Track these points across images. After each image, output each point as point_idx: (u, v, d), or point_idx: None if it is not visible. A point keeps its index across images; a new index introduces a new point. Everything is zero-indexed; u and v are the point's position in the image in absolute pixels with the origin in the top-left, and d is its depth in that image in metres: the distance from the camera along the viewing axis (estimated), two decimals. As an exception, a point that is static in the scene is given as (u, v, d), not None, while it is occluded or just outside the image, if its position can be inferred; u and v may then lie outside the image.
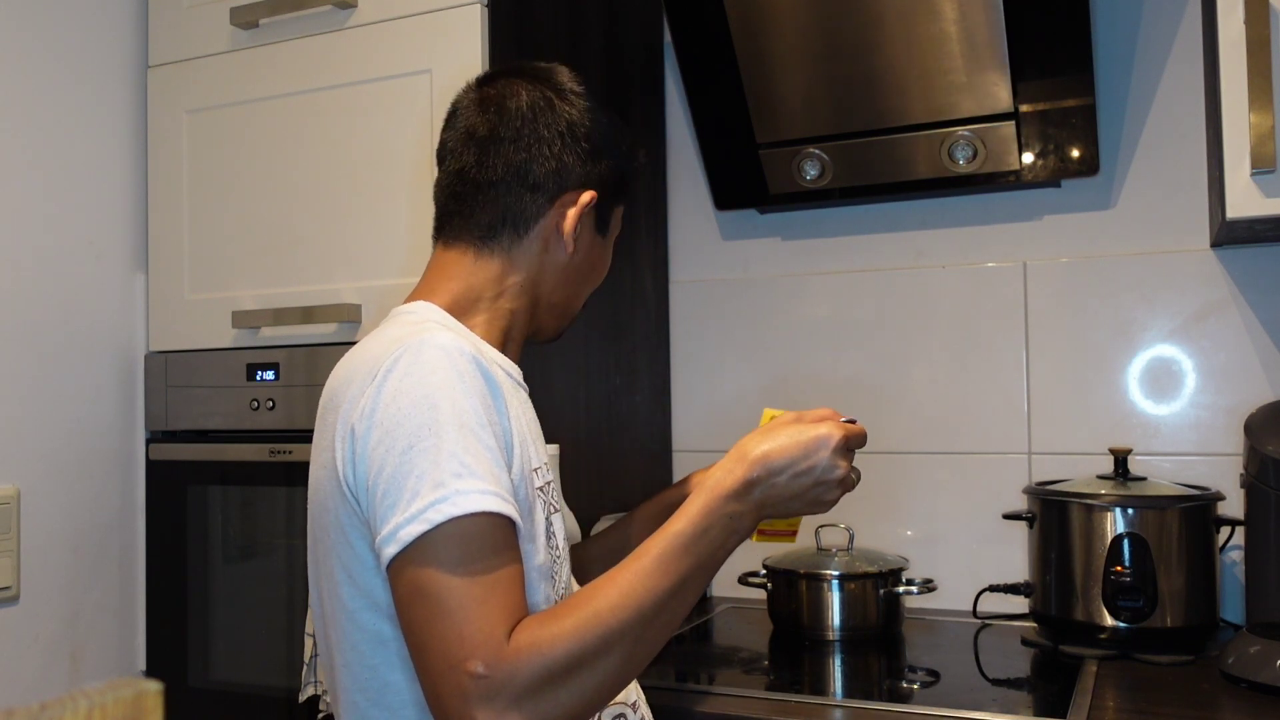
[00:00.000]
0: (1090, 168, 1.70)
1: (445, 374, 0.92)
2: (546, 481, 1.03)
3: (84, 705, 0.40)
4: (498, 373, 0.99)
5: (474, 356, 0.94)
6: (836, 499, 0.98)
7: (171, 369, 1.73)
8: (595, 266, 1.14)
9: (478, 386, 0.93)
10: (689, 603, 0.93)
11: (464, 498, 0.86)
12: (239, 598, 1.68)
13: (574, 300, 1.14)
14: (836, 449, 0.96)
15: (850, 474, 0.98)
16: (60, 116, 1.68)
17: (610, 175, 1.11)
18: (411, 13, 1.56)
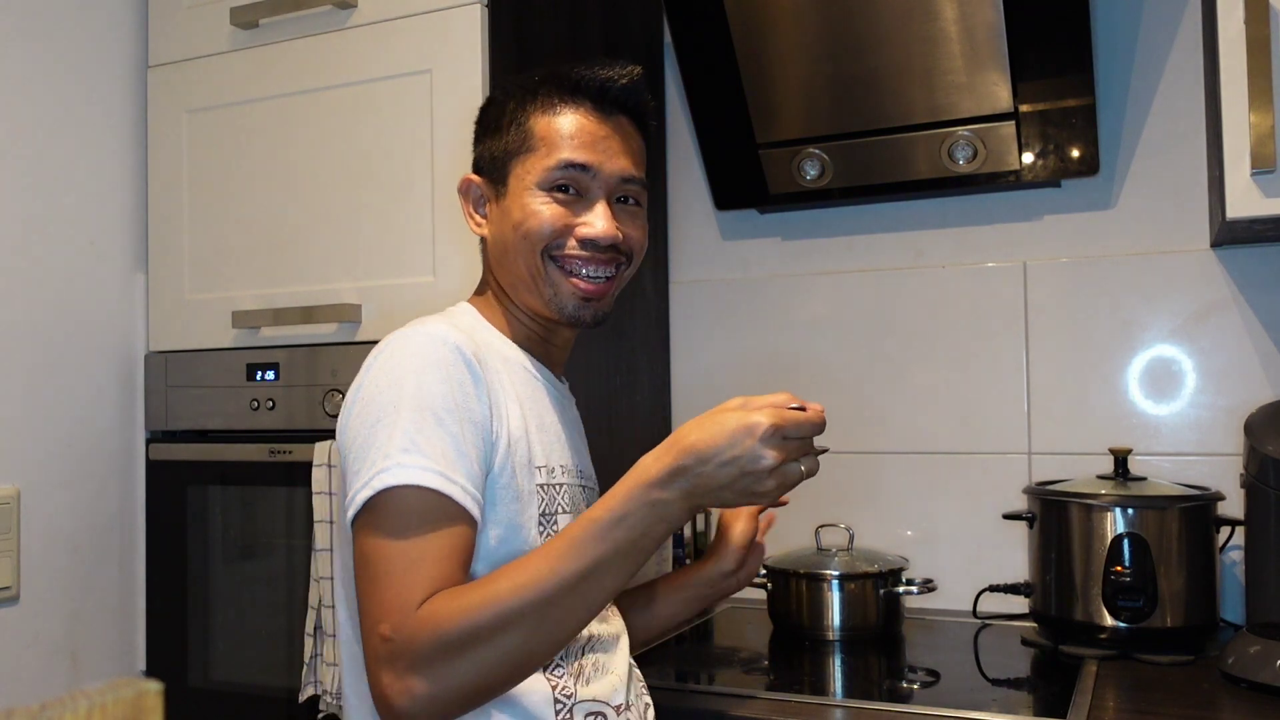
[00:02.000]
0: (1090, 168, 1.70)
1: (420, 359, 0.98)
2: (562, 482, 1.06)
3: (84, 705, 0.40)
4: (495, 362, 1.04)
5: (457, 346, 0.99)
6: (771, 490, 0.90)
7: (171, 369, 1.73)
8: (515, 225, 1.09)
9: (453, 373, 0.98)
10: (606, 588, 0.91)
11: (404, 470, 0.92)
12: (239, 598, 1.68)
13: (519, 265, 1.09)
14: (764, 437, 0.88)
15: (787, 463, 0.90)
16: (60, 116, 1.68)
17: (490, 143, 1.13)
18: (411, 13, 1.56)
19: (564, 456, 1.09)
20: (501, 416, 1.01)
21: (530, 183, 1.08)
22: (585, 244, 1.07)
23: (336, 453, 1.52)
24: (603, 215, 1.08)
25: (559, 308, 1.09)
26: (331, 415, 1.59)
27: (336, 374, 1.59)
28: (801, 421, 0.91)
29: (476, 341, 1.04)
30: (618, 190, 1.10)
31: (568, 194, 1.08)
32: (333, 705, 1.52)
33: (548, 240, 1.07)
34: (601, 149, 1.08)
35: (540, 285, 1.09)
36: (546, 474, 1.05)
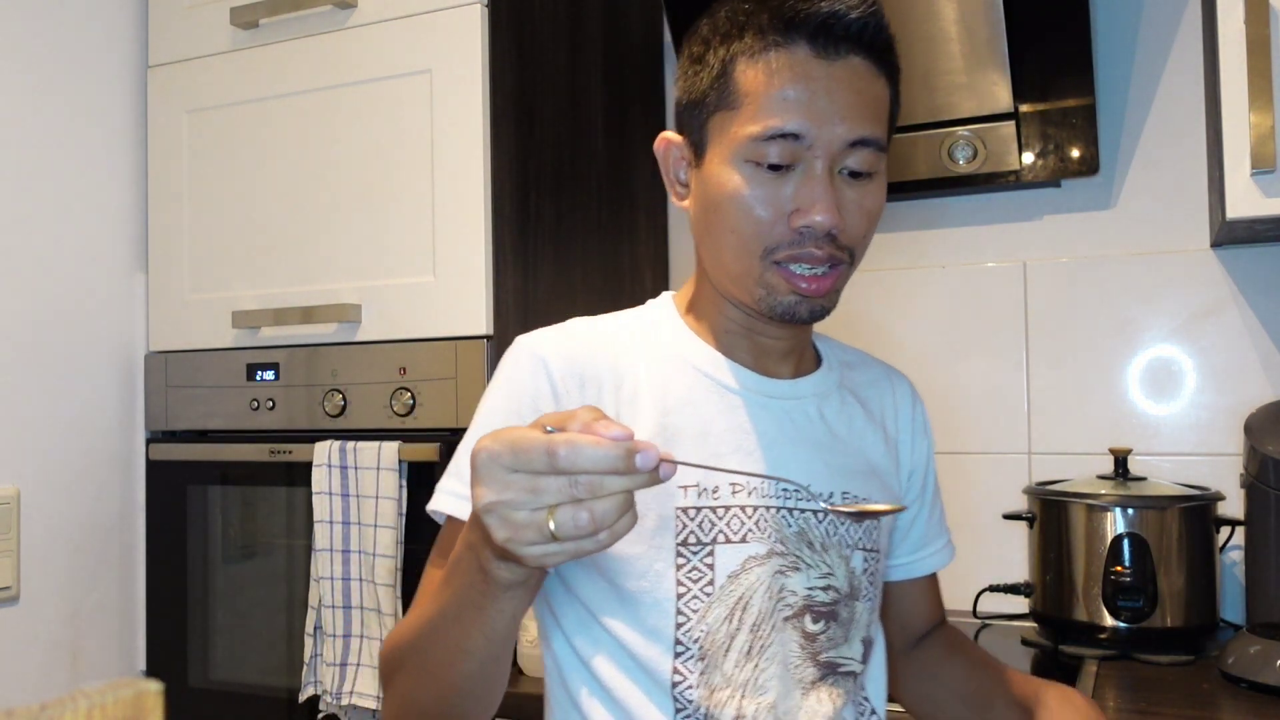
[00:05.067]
0: (1090, 168, 1.70)
1: (500, 373, 0.93)
2: (729, 505, 0.88)
3: (84, 705, 0.40)
4: (633, 367, 0.92)
5: (540, 357, 0.91)
6: (506, 542, 0.63)
7: (171, 369, 1.73)
8: (716, 208, 0.89)
9: (522, 388, 0.90)
10: (454, 641, 0.78)
11: (438, 496, 0.90)
12: (239, 598, 1.68)
13: (724, 256, 0.90)
14: (480, 471, 0.63)
15: (508, 506, 0.62)
16: (60, 116, 1.68)
17: (688, 87, 0.93)
18: (411, 13, 1.56)
19: (748, 471, 0.90)
20: None
21: (730, 152, 0.88)
22: (801, 231, 0.87)
23: (336, 453, 1.53)
24: (820, 195, 0.86)
25: (769, 306, 0.90)
26: (331, 415, 1.59)
27: (336, 374, 1.59)
28: (525, 447, 0.61)
29: (594, 346, 0.93)
30: (842, 158, 0.87)
31: (777, 169, 0.87)
32: (332, 705, 1.52)
33: (765, 241, 0.88)
34: (820, 107, 0.85)
35: (750, 285, 0.90)
36: (697, 495, 0.88)
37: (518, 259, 1.57)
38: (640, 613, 0.87)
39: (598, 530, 0.61)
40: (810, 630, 0.91)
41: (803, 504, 0.92)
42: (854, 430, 1.00)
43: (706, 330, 0.97)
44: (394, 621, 1.48)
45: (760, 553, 0.89)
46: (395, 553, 1.48)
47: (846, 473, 0.96)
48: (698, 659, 0.87)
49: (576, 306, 1.73)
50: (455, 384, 1.51)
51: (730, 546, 0.88)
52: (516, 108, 1.59)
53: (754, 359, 0.97)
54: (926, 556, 1.12)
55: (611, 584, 0.88)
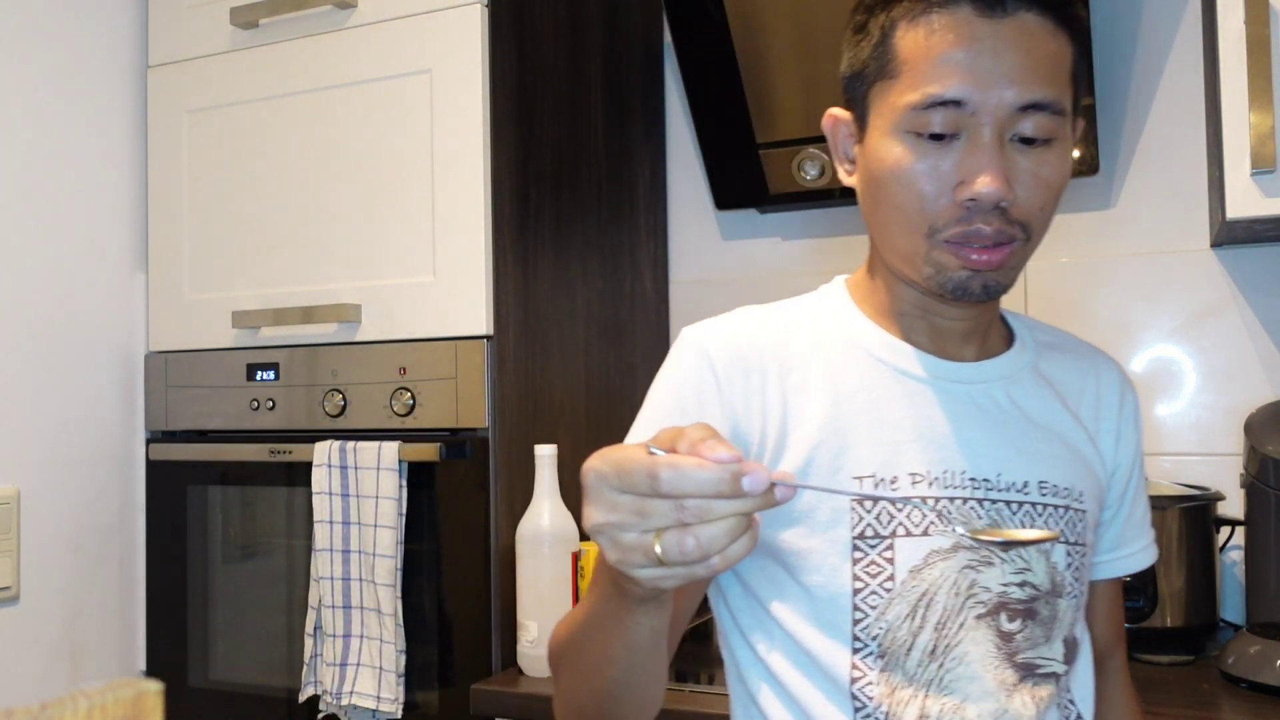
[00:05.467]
0: (1090, 168, 1.70)
1: (665, 368, 0.92)
2: (909, 496, 0.85)
3: (84, 705, 0.40)
4: (805, 355, 0.88)
5: (704, 349, 0.88)
6: (619, 563, 0.62)
7: (171, 369, 1.73)
8: (877, 184, 0.85)
9: (684, 382, 0.89)
10: (606, 653, 0.76)
11: None
12: (239, 598, 1.68)
13: (891, 233, 0.86)
14: (589, 491, 0.63)
15: (617, 529, 0.61)
16: (61, 116, 1.68)
17: (851, 58, 0.88)
18: (411, 13, 1.56)
19: (925, 462, 0.85)
20: (777, 423, 0.86)
21: (891, 123, 0.83)
22: (968, 205, 0.81)
23: (336, 453, 1.53)
24: (986, 164, 0.79)
25: (940, 285, 0.84)
26: (331, 415, 1.59)
27: (336, 374, 1.59)
28: (629, 469, 0.59)
29: (759, 335, 0.90)
30: (1013, 124, 0.80)
31: (940, 139, 0.81)
32: (332, 705, 1.52)
33: (930, 219, 0.82)
34: (985, 70, 0.79)
35: (919, 264, 0.85)
36: (874, 485, 0.84)
37: (518, 259, 1.57)
38: (816, 608, 0.84)
39: (705, 556, 0.58)
40: (1006, 629, 0.85)
41: (994, 495, 0.86)
42: (1051, 415, 0.92)
43: (880, 313, 0.92)
44: (393, 621, 1.48)
45: (945, 546, 0.84)
46: (395, 553, 1.48)
47: (1044, 460, 0.89)
48: (877, 656, 0.83)
49: (576, 306, 1.73)
50: (455, 384, 1.51)
51: (911, 540, 0.83)
52: (516, 108, 1.59)
53: (933, 341, 0.91)
54: (1123, 557, 1.01)
55: (787, 580, 0.86)
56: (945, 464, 0.86)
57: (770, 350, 0.89)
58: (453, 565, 1.51)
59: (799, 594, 0.85)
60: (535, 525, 1.46)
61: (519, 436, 1.55)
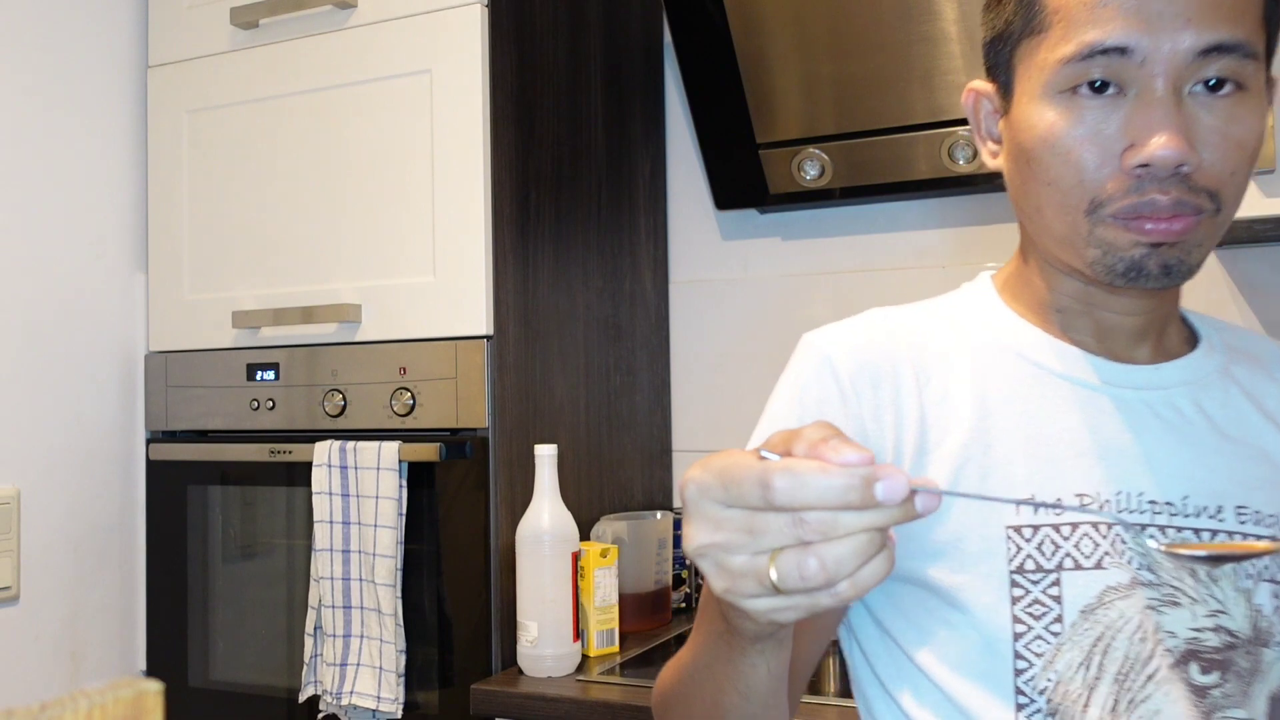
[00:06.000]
0: (1090, 168, 1.70)
1: (785, 375, 0.83)
2: (1076, 522, 0.72)
3: (84, 705, 0.40)
4: (946, 360, 0.78)
5: (825, 356, 0.79)
6: (722, 591, 0.52)
7: (171, 369, 1.74)
8: (1026, 158, 0.73)
9: (805, 393, 0.79)
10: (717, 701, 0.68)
11: None
12: (239, 598, 1.68)
13: (1046, 216, 0.73)
14: (690, 506, 0.52)
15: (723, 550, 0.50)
16: (61, 116, 1.68)
17: (992, 19, 0.77)
18: (411, 13, 1.56)
19: (1093, 482, 0.73)
20: (914, 439, 0.75)
21: (1041, 84, 0.71)
22: (1138, 174, 0.68)
23: (336, 453, 1.53)
24: (1161, 120, 0.66)
25: (1108, 268, 0.71)
26: (331, 415, 1.59)
27: (336, 374, 1.59)
28: (737, 478, 0.49)
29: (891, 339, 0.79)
30: (1192, 73, 0.67)
31: (1104, 93, 0.68)
32: (332, 705, 1.52)
33: (1091, 192, 0.69)
34: (1154, 9, 0.66)
35: (1081, 247, 0.72)
36: (1033, 510, 0.72)
37: (518, 259, 1.57)
38: (970, 657, 0.72)
39: (831, 581, 0.48)
40: (1199, 683, 0.70)
41: (1179, 521, 0.72)
42: (1248, 428, 0.77)
43: (1036, 310, 0.79)
44: (393, 621, 1.48)
45: (1122, 582, 0.71)
46: (395, 553, 1.48)
47: (1241, 480, 0.74)
48: (1047, 715, 0.70)
49: (576, 306, 1.73)
50: (455, 384, 1.51)
51: (1081, 574, 0.71)
52: (516, 108, 1.59)
53: (1099, 341, 0.78)
54: None
55: (933, 623, 0.74)
56: (1118, 484, 0.72)
57: (904, 356, 0.78)
58: (453, 565, 1.51)
59: (948, 640, 0.73)
60: (535, 525, 1.46)
61: (519, 436, 1.55)
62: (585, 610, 1.51)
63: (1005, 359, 0.78)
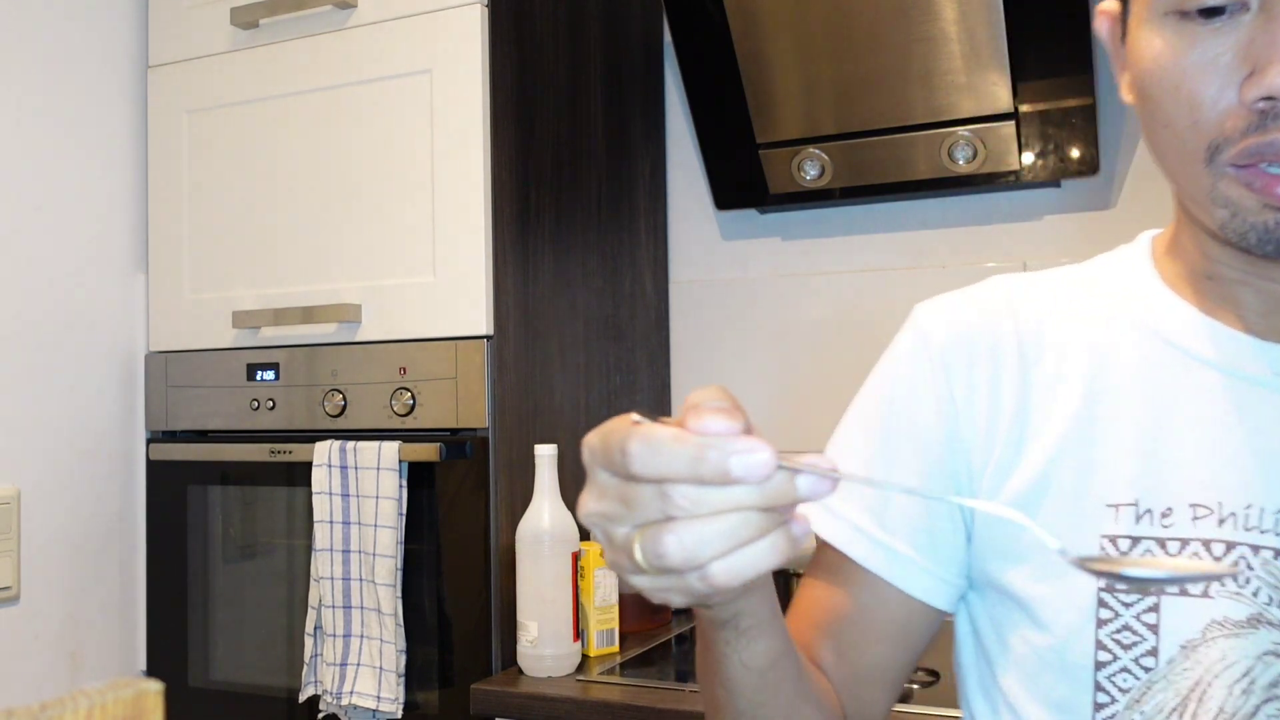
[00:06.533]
0: (1090, 168, 1.70)
1: (887, 352, 0.76)
2: (1189, 537, 0.61)
3: (84, 705, 0.40)
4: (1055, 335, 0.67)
5: (925, 331, 0.71)
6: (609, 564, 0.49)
7: (172, 369, 1.74)
8: (1140, 94, 0.62)
9: (895, 370, 0.73)
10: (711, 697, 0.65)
11: None
12: (239, 598, 1.68)
13: (1168, 162, 0.62)
14: (588, 471, 0.50)
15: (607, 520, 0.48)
16: (61, 117, 1.68)
17: None
18: (412, 13, 1.56)
19: (1218, 491, 0.61)
20: (1011, 427, 0.66)
21: (1147, 6, 0.60)
22: (1260, 108, 0.56)
23: (336, 453, 1.53)
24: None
25: (1236, 233, 0.59)
26: (331, 415, 1.59)
27: (336, 374, 1.59)
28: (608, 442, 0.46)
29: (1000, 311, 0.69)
30: None
31: (1219, 16, 0.57)
32: (332, 705, 1.52)
33: (1208, 133, 0.57)
34: None
35: (1206, 205, 0.60)
36: (1134, 517, 0.61)
37: (518, 259, 1.58)
38: (1046, 681, 0.64)
39: (692, 563, 0.43)
40: None
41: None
42: None
43: (1185, 279, 0.67)
44: (393, 621, 1.48)
45: (1233, 617, 0.59)
46: (395, 553, 1.48)
47: None
48: None
49: (576, 306, 1.73)
50: (455, 384, 1.51)
51: (1187, 602, 0.60)
52: (516, 108, 1.59)
53: (1265, 318, 0.63)
54: None
55: (1014, 638, 0.66)
56: (1252, 497, 0.60)
57: (1012, 330, 0.68)
58: (453, 565, 1.51)
59: (1026, 659, 0.65)
60: (535, 525, 1.46)
61: (519, 436, 1.55)
62: (585, 610, 1.51)
63: (1134, 336, 0.66)
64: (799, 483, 0.43)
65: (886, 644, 0.72)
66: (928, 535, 0.69)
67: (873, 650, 0.71)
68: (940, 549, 0.69)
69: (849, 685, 0.72)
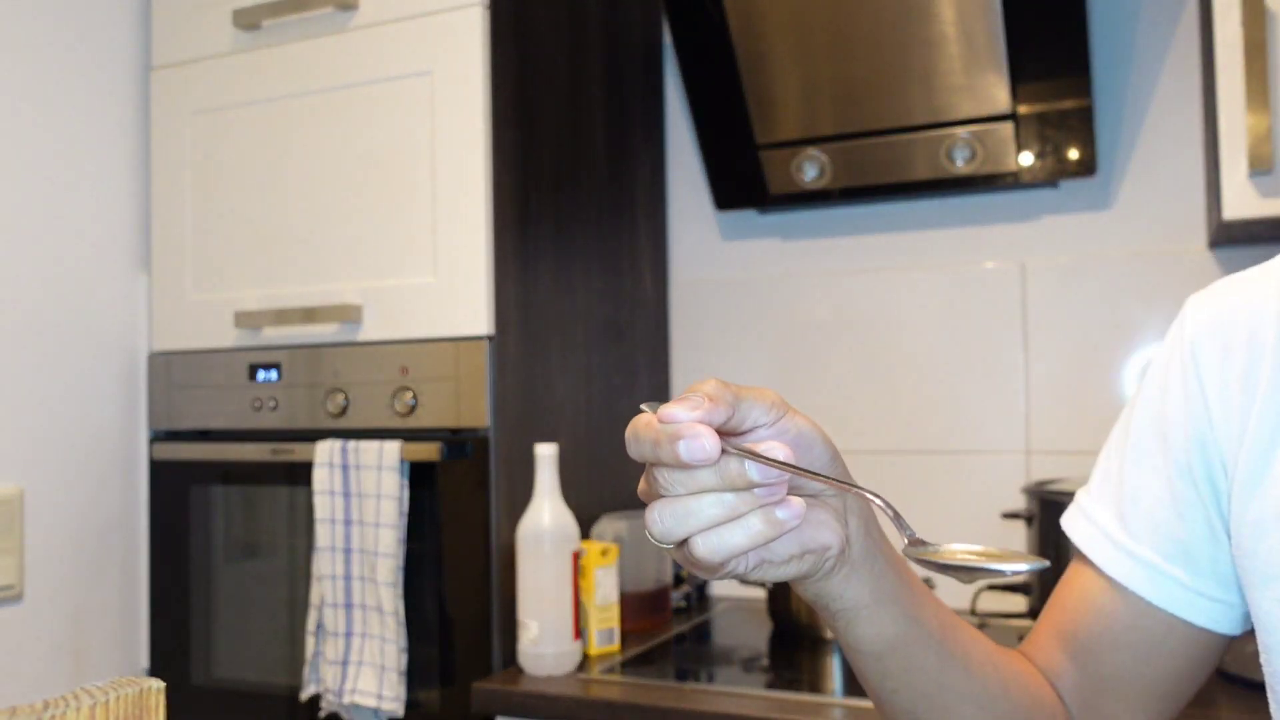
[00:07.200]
0: (1088, 169, 1.70)
1: None
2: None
3: (87, 703, 0.41)
4: None
5: (1182, 319, 0.65)
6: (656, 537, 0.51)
7: (174, 369, 1.74)
8: None
9: (1157, 365, 0.66)
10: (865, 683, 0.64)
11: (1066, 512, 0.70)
12: (241, 596, 1.69)
13: None
14: None
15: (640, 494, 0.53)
16: (64, 118, 1.68)
17: None
18: (413, 14, 1.57)
19: None
20: (1264, 426, 0.59)
21: None
22: None
23: (338, 452, 1.53)
24: None
25: None
26: (333, 415, 1.60)
27: (338, 374, 1.60)
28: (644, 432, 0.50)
29: (1256, 296, 0.62)
30: None
31: None
32: (334, 703, 1.53)
33: None
34: None
35: None
36: None
37: (518, 259, 1.58)
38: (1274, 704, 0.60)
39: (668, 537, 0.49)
40: None
41: None
42: None
43: None
44: (395, 620, 1.49)
45: None
46: (396, 552, 1.49)
47: None
48: None
49: (576, 306, 1.74)
50: (456, 384, 1.52)
51: None
52: (517, 108, 1.59)
53: None
54: None
55: (1270, 661, 0.61)
56: None
57: (1275, 313, 0.59)
58: (454, 564, 1.52)
59: (1269, 675, 0.61)
60: (536, 524, 1.47)
61: (519, 436, 1.56)
62: (586, 609, 1.52)
63: None
64: (748, 467, 0.47)
65: (1126, 653, 0.67)
66: (1176, 544, 0.64)
67: (1111, 658, 0.67)
68: (1196, 559, 0.64)
69: (1084, 693, 0.69)
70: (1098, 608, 0.67)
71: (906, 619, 0.59)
